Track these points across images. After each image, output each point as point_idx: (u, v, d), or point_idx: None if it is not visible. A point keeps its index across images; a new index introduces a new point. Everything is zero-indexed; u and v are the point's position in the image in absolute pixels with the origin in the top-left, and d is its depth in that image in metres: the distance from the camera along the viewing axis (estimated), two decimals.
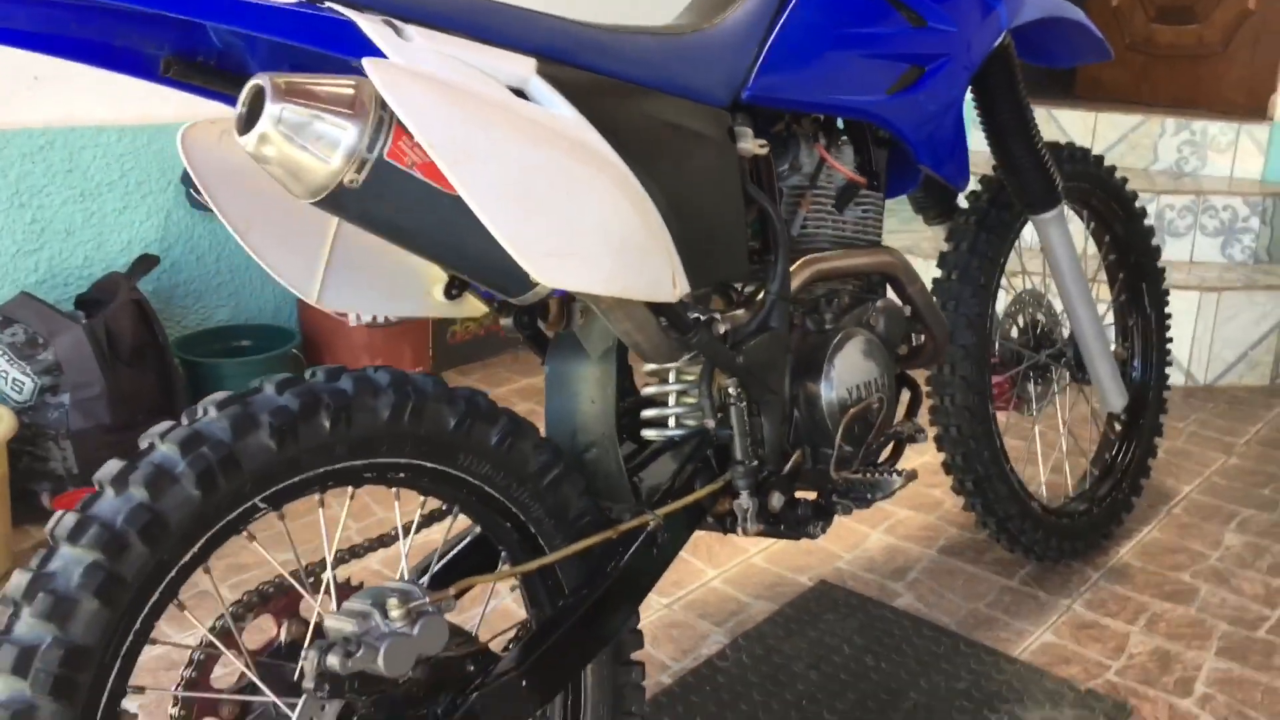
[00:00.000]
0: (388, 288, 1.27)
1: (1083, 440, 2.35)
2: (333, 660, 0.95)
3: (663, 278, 1.10)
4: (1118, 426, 2.20)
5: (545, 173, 0.98)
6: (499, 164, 0.94)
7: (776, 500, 1.28)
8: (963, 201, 1.89)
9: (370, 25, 0.93)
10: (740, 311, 1.30)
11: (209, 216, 2.52)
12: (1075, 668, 1.74)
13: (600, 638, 1.15)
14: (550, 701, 1.13)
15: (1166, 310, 2.22)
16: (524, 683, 1.06)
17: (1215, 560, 2.09)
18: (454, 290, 1.30)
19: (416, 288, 1.30)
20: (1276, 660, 1.77)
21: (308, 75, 0.88)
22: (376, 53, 0.94)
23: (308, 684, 0.96)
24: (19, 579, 0.89)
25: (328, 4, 0.94)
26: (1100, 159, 2.02)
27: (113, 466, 0.93)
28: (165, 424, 0.97)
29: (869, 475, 1.32)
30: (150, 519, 0.90)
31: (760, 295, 1.31)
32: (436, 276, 1.30)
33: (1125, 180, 2.09)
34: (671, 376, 1.35)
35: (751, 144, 1.29)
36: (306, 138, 0.86)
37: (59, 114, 2.26)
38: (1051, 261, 1.91)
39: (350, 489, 1.08)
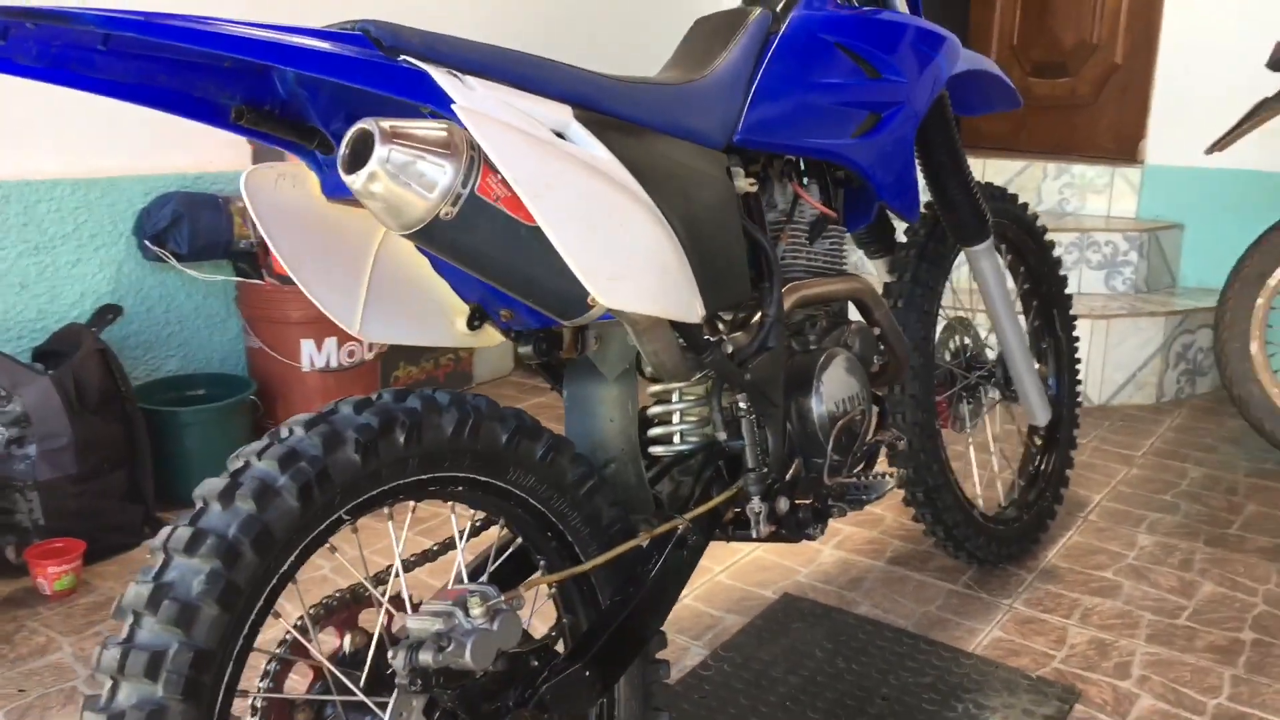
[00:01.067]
0: (417, 320, 1.36)
1: (1009, 455, 2.54)
2: (425, 656, 1.03)
3: (690, 300, 1.22)
4: (1038, 440, 2.40)
5: (601, 205, 1.09)
6: (567, 196, 1.05)
7: (783, 505, 1.41)
8: (900, 237, 2.06)
9: (440, 76, 1.04)
10: (739, 334, 1.43)
11: (160, 267, 2.54)
12: (1024, 659, 1.90)
13: (645, 634, 1.25)
14: (608, 692, 1.22)
15: (1075, 334, 2.44)
16: (587, 674, 1.16)
17: (1132, 559, 2.30)
18: (475, 322, 1.40)
19: (441, 320, 1.39)
20: (1198, 643, 1.96)
21: (406, 121, 0.98)
22: (444, 101, 1.05)
23: (401, 680, 1.04)
24: (136, 591, 0.95)
25: (402, 58, 1.04)
26: (1015, 197, 2.23)
27: (215, 484, 1.00)
28: (257, 444, 1.04)
29: (862, 479, 1.46)
30: (260, 529, 0.97)
31: (754, 319, 1.44)
32: (459, 309, 1.40)
33: (1036, 216, 2.30)
34: (675, 396, 1.47)
35: (744, 183, 1.43)
36: (410, 176, 0.96)
37: (14, 168, 2.27)
38: (983, 289, 2.09)
39: (412, 504, 1.17)
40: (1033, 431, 2.40)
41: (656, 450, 1.46)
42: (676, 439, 1.47)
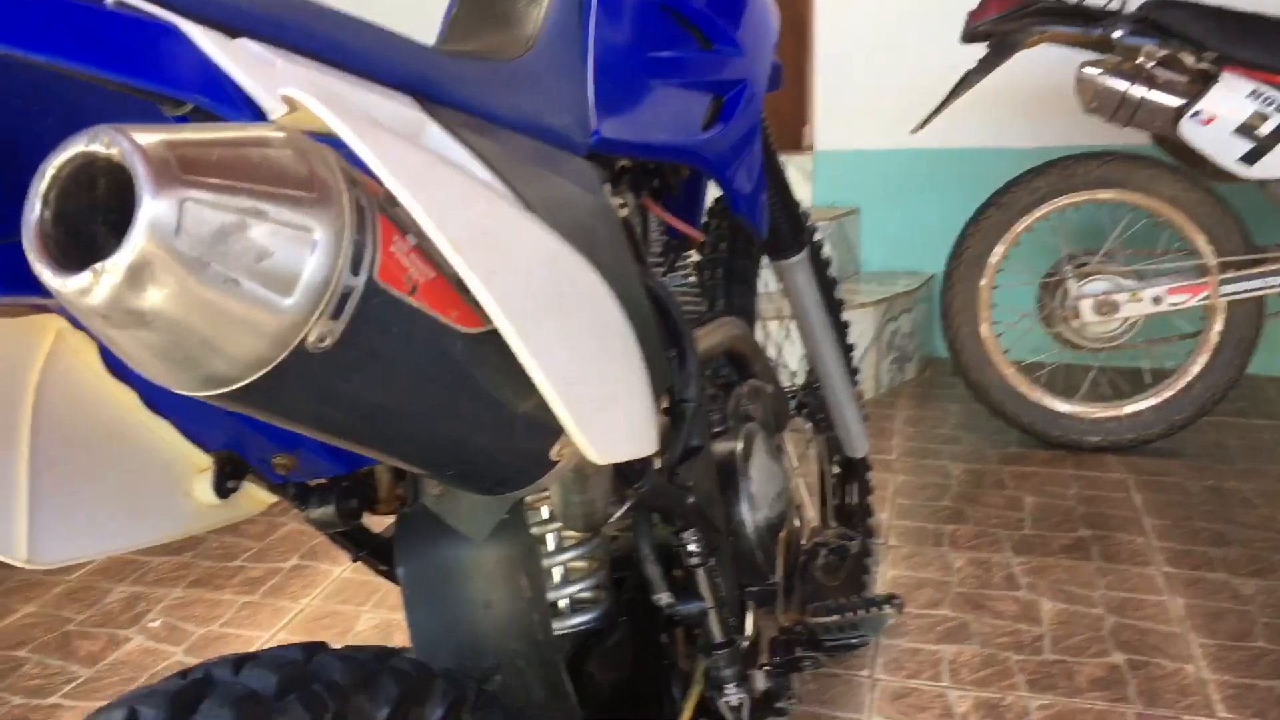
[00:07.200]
0: (128, 508, 0.76)
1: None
2: None
3: (652, 413, 0.72)
4: (836, 469, 2.09)
5: (553, 278, 0.57)
6: (521, 267, 0.53)
7: (761, 681, 0.94)
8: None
9: (209, 39, 0.48)
10: None
11: None
12: None
13: None
14: None
15: (849, 341, 2.15)
16: None
17: (957, 586, 2.05)
18: (229, 482, 0.82)
19: (168, 494, 0.79)
20: (1080, 680, 1.72)
21: (195, 127, 0.41)
22: (222, 91, 0.50)
23: None
24: None
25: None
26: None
27: None
28: None
29: (845, 615, 1.02)
30: None
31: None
32: (196, 464, 0.81)
33: (808, 215, 1.98)
34: (549, 541, 0.95)
35: (615, 203, 0.96)
36: (237, 260, 0.39)
37: None
38: (798, 306, 1.74)
39: None
40: (831, 463, 2.09)
41: None
42: (564, 605, 0.95)
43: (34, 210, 0.39)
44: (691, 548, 0.88)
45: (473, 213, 0.49)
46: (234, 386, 0.42)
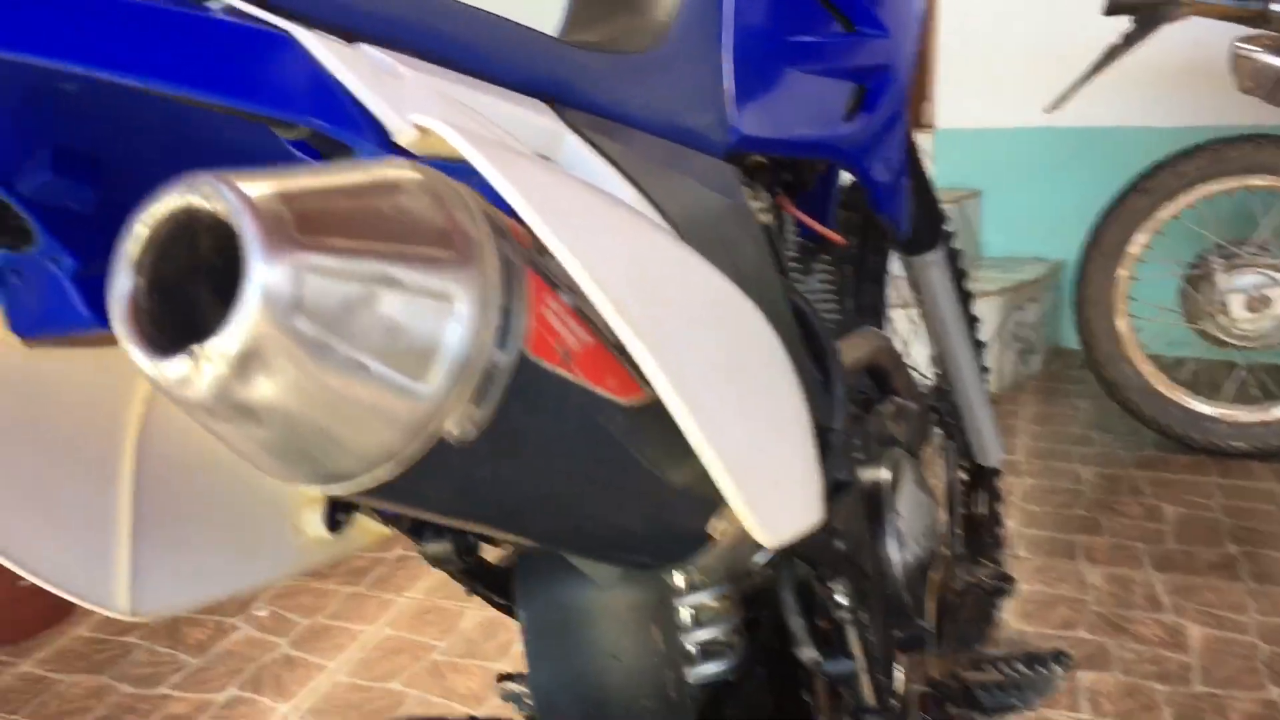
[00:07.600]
0: (234, 548, 0.70)
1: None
2: None
3: (817, 472, 0.63)
4: (965, 476, 1.97)
5: (722, 330, 0.49)
6: (688, 327, 0.44)
7: None
8: None
9: (325, 46, 0.41)
10: None
11: None
12: None
13: None
14: None
15: (979, 337, 2.02)
16: None
17: (1094, 605, 1.91)
18: (341, 515, 0.75)
19: (276, 531, 0.74)
20: (1233, 716, 1.59)
21: (312, 170, 0.33)
22: (343, 115, 0.42)
23: None
24: None
25: (222, 2, 0.40)
26: None
27: None
28: None
29: (1007, 673, 0.92)
30: None
31: None
32: (302, 499, 0.75)
33: (939, 200, 1.86)
34: (679, 579, 0.87)
35: (756, 207, 0.87)
36: (365, 339, 0.31)
37: None
38: (931, 305, 1.62)
39: None
40: (959, 468, 1.97)
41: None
42: (694, 651, 0.87)
43: (124, 279, 0.31)
44: (839, 599, 0.79)
45: (633, 260, 0.41)
46: (358, 485, 0.34)
